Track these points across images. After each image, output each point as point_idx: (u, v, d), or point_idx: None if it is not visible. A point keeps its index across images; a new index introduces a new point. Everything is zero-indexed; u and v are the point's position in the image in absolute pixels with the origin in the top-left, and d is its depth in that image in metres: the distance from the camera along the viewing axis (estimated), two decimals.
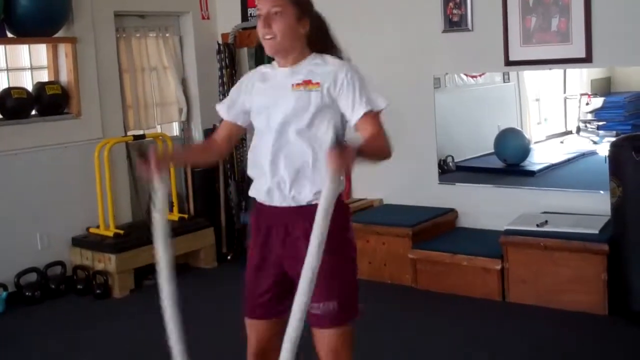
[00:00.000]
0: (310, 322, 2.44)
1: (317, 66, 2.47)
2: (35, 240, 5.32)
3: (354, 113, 2.41)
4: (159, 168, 2.40)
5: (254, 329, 2.62)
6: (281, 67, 2.53)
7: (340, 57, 2.56)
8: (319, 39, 2.54)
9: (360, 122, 2.42)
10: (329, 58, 2.50)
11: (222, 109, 2.69)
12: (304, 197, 2.43)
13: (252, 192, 2.58)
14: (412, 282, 5.05)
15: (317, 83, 2.42)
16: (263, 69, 2.63)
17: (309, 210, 2.36)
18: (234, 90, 2.69)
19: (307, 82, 2.42)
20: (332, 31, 2.62)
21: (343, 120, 2.48)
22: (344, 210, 2.53)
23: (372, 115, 2.42)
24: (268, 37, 2.45)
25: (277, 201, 2.47)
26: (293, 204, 2.45)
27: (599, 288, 4.36)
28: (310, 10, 2.52)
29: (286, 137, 2.44)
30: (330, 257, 2.28)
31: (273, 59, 2.58)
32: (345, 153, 2.18)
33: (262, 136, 2.51)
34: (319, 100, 2.41)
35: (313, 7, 2.55)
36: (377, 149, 2.40)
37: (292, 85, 2.44)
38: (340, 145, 2.19)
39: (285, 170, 2.44)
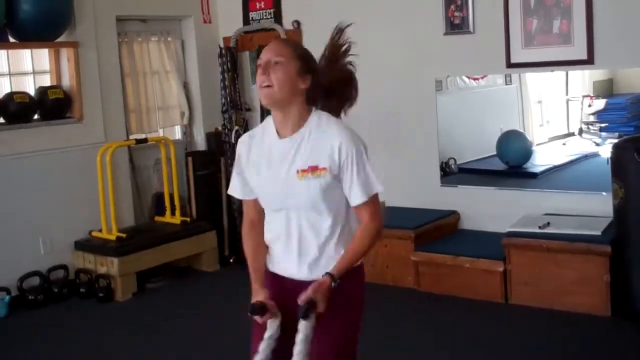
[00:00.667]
0: None
1: (318, 141, 2.35)
2: (38, 244, 5.33)
3: (351, 198, 2.36)
4: (274, 316, 2.39)
5: (257, 334, 2.58)
6: (279, 138, 2.41)
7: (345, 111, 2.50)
8: (335, 98, 2.46)
9: (355, 207, 2.37)
10: (331, 126, 2.37)
11: (236, 192, 2.57)
12: (318, 271, 2.38)
13: (268, 264, 2.53)
14: (414, 284, 5.04)
15: (324, 168, 2.32)
16: (256, 136, 2.49)
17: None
18: (236, 170, 2.54)
19: (313, 169, 2.33)
20: (357, 87, 2.51)
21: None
22: (362, 278, 2.51)
23: (370, 200, 2.36)
24: (265, 84, 2.32)
25: (292, 275, 2.44)
26: (310, 278, 2.38)
27: (602, 290, 4.35)
28: (314, 66, 2.42)
29: (297, 222, 2.38)
30: (336, 321, 2.32)
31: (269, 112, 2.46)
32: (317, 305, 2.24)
33: (272, 215, 2.45)
34: (326, 185, 2.33)
35: (316, 63, 2.43)
36: (359, 257, 2.41)
37: (297, 172, 2.34)
38: (308, 312, 2.24)
39: (299, 250, 2.40)
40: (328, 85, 2.43)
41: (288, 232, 2.40)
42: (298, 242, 2.39)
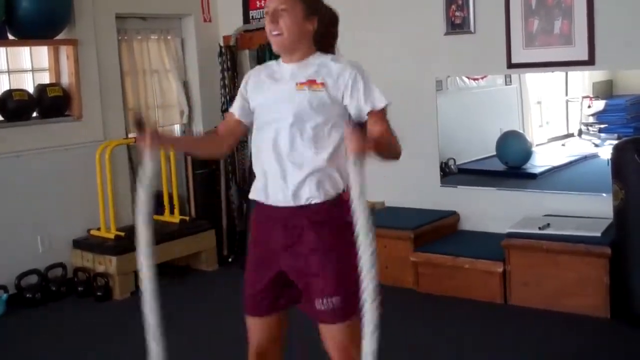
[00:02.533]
0: (316, 319, 2.48)
1: (322, 66, 2.48)
2: (36, 242, 5.31)
3: (360, 112, 2.44)
4: (151, 143, 2.39)
5: (254, 327, 2.63)
6: (286, 63, 2.54)
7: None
8: (326, 37, 2.56)
9: (368, 122, 2.43)
10: (334, 57, 2.52)
11: (235, 107, 2.68)
12: (305, 196, 2.44)
13: (252, 194, 2.59)
14: (413, 285, 5.03)
15: (322, 83, 2.43)
16: (269, 64, 2.64)
17: (307, 209, 2.42)
18: (242, 88, 2.67)
19: (311, 82, 2.44)
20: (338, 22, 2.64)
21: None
22: (346, 207, 2.51)
23: (378, 114, 2.45)
24: (275, 32, 2.46)
25: (278, 201, 2.48)
26: (293, 204, 2.45)
27: (601, 291, 4.34)
28: (318, 8, 2.53)
29: (290, 136, 2.45)
30: (331, 254, 2.31)
31: (277, 58, 2.59)
32: (365, 135, 2.22)
33: (265, 134, 2.52)
34: (322, 100, 2.43)
35: (322, 5, 2.57)
36: (389, 143, 2.45)
37: (297, 84, 2.45)
38: (360, 126, 2.23)
39: (287, 168, 2.45)
40: (325, 28, 2.55)
41: (275, 149, 2.46)
42: (283, 162, 2.44)
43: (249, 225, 2.68)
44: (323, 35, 2.54)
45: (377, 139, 2.34)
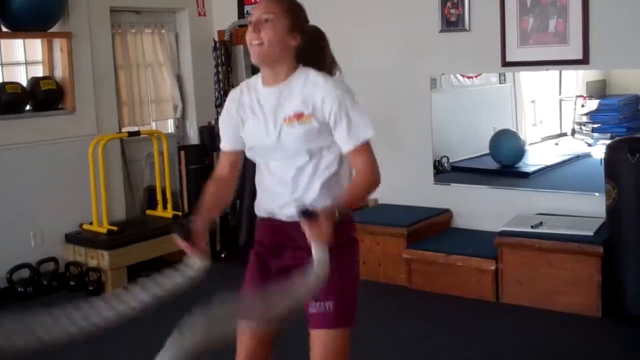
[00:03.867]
0: (308, 324, 2.43)
1: (306, 89, 2.38)
2: (29, 236, 5.29)
3: (343, 146, 2.38)
4: (199, 247, 2.42)
5: (242, 336, 2.57)
6: (267, 87, 2.45)
7: (332, 73, 2.51)
8: (309, 54, 2.46)
9: (349, 155, 2.39)
10: (317, 78, 2.40)
11: (227, 145, 2.58)
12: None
13: (257, 211, 2.54)
14: (406, 282, 5.04)
15: (309, 115, 2.35)
16: (250, 84, 2.53)
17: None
18: (225, 121, 2.57)
19: (298, 116, 2.36)
20: (329, 48, 2.55)
21: None
22: (351, 223, 2.51)
23: (362, 148, 2.38)
24: (255, 42, 2.36)
25: (284, 216, 2.44)
26: (296, 219, 2.37)
27: (593, 290, 4.36)
28: (303, 23, 2.45)
29: (284, 167, 2.41)
30: (332, 263, 2.27)
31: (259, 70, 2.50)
32: (320, 220, 2.16)
33: (259, 160, 2.49)
34: (312, 131, 2.36)
35: (307, 21, 2.48)
36: (358, 195, 2.42)
37: (284, 119, 2.37)
38: (308, 215, 2.16)
39: (288, 192, 2.41)
40: (308, 43, 2.46)
41: (273, 175, 2.43)
42: (284, 186, 2.41)
43: (255, 235, 2.61)
44: (306, 51, 2.45)
45: (343, 202, 2.31)
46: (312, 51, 2.48)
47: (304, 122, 2.35)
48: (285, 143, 2.38)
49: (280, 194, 2.43)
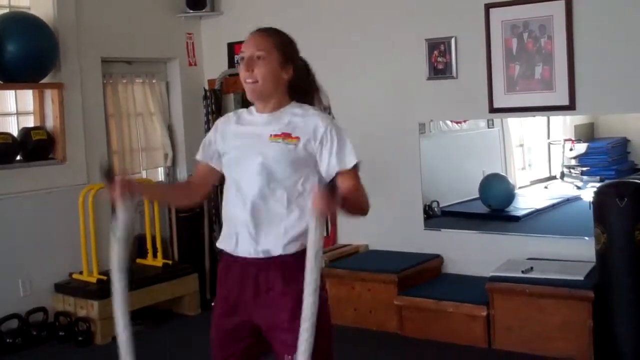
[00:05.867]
0: None
1: (297, 117, 2.43)
2: (17, 286, 5.25)
3: (329, 170, 2.40)
4: (122, 193, 2.36)
5: None
6: (259, 113, 2.50)
7: (324, 105, 2.55)
8: (300, 87, 2.52)
9: (338, 178, 2.39)
10: (309, 109, 2.47)
11: (199, 154, 2.66)
12: (276, 251, 2.39)
13: (221, 244, 2.52)
14: (398, 328, 5.01)
15: (297, 137, 2.38)
16: (240, 112, 2.59)
17: (278, 263, 2.37)
18: (210, 132, 2.65)
19: (286, 135, 2.39)
20: (315, 78, 2.60)
21: (320, 175, 2.44)
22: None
23: (350, 172, 2.41)
24: (249, 80, 2.41)
25: (248, 253, 2.42)
26: (262, 256, 2.40)
27: (585, 335, 4.34)
28: (295, 57, 2.50)
29: (260, 188, 2.39)
30: (300, 310, 2.26)
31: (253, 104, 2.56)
32: (333, 196, 2.18)
33: (235, 186, 2.47)
34: (296, 154, 2.38)
35: (298, 54, 2.53)
36: (357, 201, 2.41)
37: (270, 135, 2.40)
38: (330, 187, 2.20)
39: (258, 222, 2.40)
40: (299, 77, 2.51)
41: (244, 202, 2.41)
42: (253, 216, 2.39)
43: (218, 272, 2.59)
44: (298, 85, 2.50)
45: (345, 195, 2.29)
46: (300, 85, 2.53)
47: (288, 143, 2.38)
48: (266, 158, 2.38)
49: (252, 223, 2.40)
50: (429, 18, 5.37)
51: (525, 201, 5.41)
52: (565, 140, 5.14)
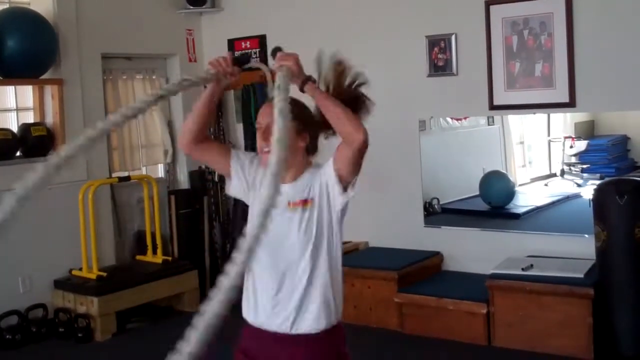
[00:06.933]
0: None
1: (313, 178, 2.38)
2: (17, 283, 5.25)
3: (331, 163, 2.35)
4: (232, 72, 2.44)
5: None
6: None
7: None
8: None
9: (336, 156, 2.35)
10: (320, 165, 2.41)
11: (233, 147, 2.61)
12: (302, 327, 2.32)
13: (244, 313, 2.43)
14: (398, 326, 5.01)
15: (312, 199, 2.34)
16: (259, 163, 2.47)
17: (302, 338, 2.32)
18: (246, 157, 2.50)
19: (304, 202, 2.34)
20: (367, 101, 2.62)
21: (340, 225, 2.39)
22: (341, 336, 2.42)
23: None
24: (266, 149, 2.32)
25: (271, 325, 2.35)
26: (288, 332, 2.33)
27: (585, 332, 4.34)
28: (310, 122, 2.43)
29: (288, 260, 2.33)
30: None
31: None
32: (289, 54, 2.25)
33: (260, 257, 2.35)
34: (315, 215, 2.34)
35: (312, 117, 2.45)
36: (334, 102, 2.35)
37: (289, 203, 2.34)
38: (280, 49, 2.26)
39: (280, 295, 2.33)
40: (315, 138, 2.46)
41: (269, 275, 2.33)
42: (277, 289, 2.32)
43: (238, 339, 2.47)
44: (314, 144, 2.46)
45: (321, 92, 2.32)
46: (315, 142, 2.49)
47: (306, 208, 2.33)
48: (282, 226, 2.30)
49: (275, 295, 2.32)
50: (430, 15, 5.37)
51: (526, 198, 5.41)
52: (566, 137, 5.14)
